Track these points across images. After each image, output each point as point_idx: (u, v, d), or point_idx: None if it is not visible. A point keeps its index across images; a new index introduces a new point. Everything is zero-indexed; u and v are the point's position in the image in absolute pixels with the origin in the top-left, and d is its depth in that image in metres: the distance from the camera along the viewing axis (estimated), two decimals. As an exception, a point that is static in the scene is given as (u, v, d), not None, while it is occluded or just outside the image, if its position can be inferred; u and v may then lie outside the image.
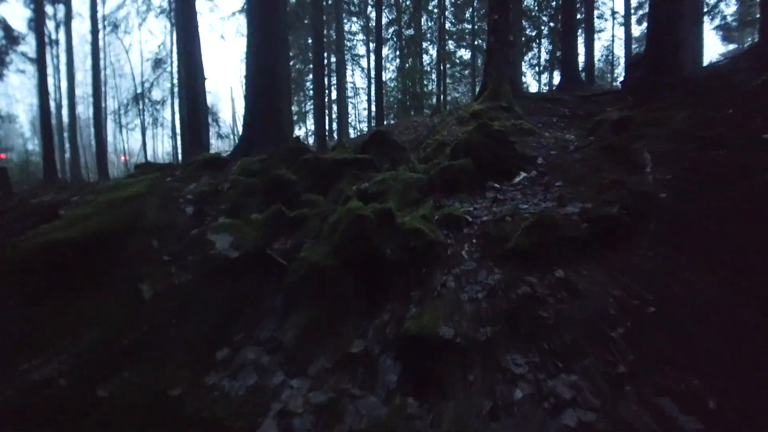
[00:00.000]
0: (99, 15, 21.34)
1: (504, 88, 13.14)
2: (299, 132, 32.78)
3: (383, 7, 24.49)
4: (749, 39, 30.98)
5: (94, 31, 21.20)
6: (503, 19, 13.18)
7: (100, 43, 26.26)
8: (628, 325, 2.65)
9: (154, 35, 55.80)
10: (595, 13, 24.87)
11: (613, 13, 26.75)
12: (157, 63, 20.66)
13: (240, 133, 8.71)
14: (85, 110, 34.32)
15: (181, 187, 4.65)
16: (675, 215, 3.22)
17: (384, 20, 27.19)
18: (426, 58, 29.89)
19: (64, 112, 26.39)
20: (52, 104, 29.80)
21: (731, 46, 33.46)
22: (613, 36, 29.76)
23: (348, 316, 3.20)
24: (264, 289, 3.43)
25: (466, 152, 5.07)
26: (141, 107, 21.50)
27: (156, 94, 25.71)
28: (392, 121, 26.44)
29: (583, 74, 18.57)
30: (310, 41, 25.02)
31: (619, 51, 31.10)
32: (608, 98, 13.99)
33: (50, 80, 25.75)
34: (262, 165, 4.48)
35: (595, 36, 24.52)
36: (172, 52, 21.91)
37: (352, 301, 3.29)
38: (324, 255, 3.37)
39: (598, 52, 28.70)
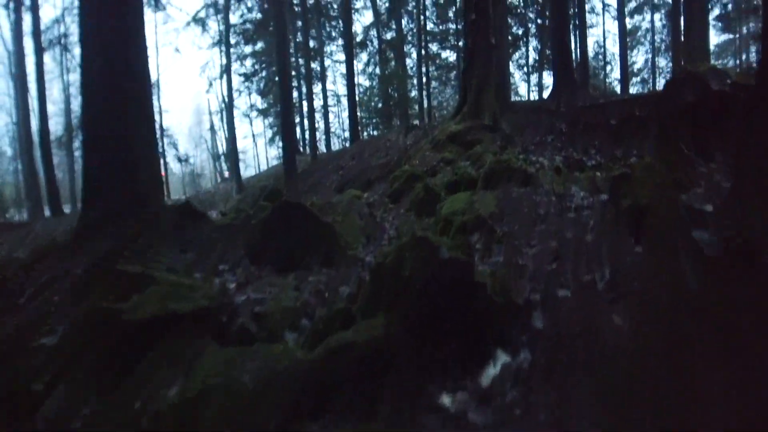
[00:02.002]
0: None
1: (486, 101, 10.44)
2: (272, 152, 29.99)
3: (357, 10, 21.77)
4: (746, 28, 28.30)
5: (38, 50, 18.51)
6: (482, 19, 10.47)
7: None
8: None
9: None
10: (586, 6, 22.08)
11: (605, 5, 23.90)
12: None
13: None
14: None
15: None
16: None
17: (360, 26, 24.51)
18: (409, 62, 27.08)
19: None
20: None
21: (725, 36, 30.83)
22: (604, 31, 26.88)
23: None
24: None
25: (389, 300, 2.43)
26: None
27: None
28: (374, 132, 23.75)
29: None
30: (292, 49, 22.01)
31: (613, 48, 28.54)
32: (615, 108, 11.34)
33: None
34: None
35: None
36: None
37: None
38: None
39: (590, 49, 25.92)
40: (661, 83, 32.05)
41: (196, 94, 62.99)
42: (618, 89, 29.57)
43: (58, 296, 3.47)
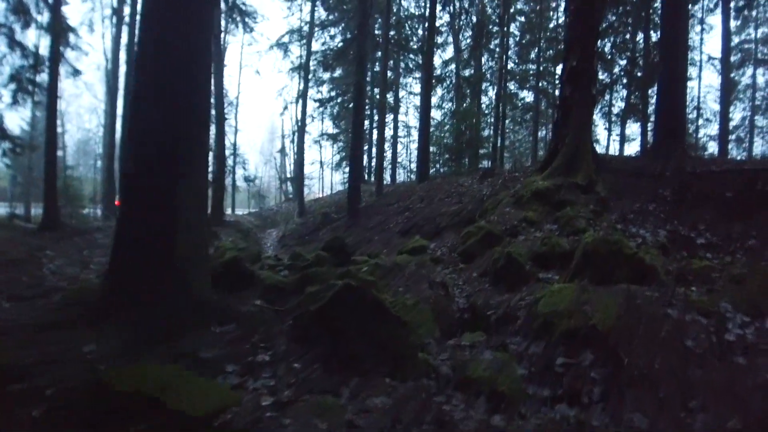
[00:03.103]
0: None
1: (583, 157, 9.14)
2: (337, 176, 29.69)
3: (439, 46, 21.08)
4: None
5: (130, 62, 19.17)
6: (586, 66, 9.26)
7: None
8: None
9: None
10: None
11: (709, 58, 21.77)
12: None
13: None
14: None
15: None
16: None
17: (439, 59, 23.82)
18: (485, 100, 26.01)
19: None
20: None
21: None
22: (700, 86, 24.53)
23: None
24: None
25: None
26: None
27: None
28: (441, 170, 22.69)
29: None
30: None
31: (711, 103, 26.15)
32: (731, 177, 9.69)
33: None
34: None
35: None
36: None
37: None
38: None
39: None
40: (758, 144, 29.08)
41: (272, 114, 64.90)
42: (711, 148, 26.97)
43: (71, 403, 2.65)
